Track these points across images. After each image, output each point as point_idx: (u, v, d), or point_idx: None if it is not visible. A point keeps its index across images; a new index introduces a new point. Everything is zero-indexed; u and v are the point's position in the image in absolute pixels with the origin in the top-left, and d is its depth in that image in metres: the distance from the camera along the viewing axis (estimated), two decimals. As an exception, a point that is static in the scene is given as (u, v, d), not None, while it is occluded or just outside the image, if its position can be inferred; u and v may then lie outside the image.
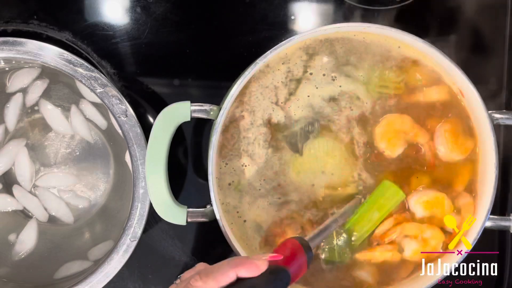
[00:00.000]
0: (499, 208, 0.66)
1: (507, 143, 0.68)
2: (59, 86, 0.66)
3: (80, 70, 0.57)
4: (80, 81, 0.57)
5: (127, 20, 0.66)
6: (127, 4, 0.66)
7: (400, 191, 0.55)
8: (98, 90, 0.57)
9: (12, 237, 0.66)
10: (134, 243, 0.58)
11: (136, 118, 0.58)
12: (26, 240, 0.65)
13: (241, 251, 0.54)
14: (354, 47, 0.57)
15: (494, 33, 0.69)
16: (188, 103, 0.53)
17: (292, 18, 0.67)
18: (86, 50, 0.66)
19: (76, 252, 0.66)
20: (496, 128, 0.55)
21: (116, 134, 0.65)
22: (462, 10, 0.68)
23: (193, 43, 0.67)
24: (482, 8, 0.68)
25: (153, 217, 0.63)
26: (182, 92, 0.67)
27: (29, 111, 0.66)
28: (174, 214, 0.54)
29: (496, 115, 0.55)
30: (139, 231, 0.58)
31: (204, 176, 0.55)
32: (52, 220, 0.67)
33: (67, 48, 0.62)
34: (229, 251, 0.55)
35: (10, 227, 0.66)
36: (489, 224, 0.56)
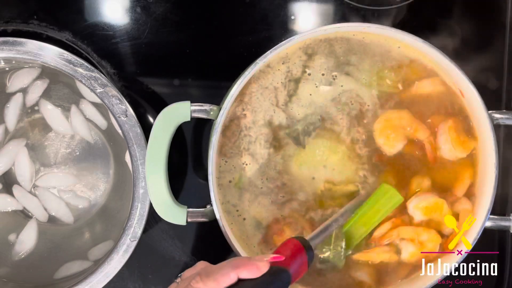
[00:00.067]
0: (499, 208, 0.66)
1: (507, 143, 0.68)
2: (59, 86, 0.66)
3: (80, 70, 0.57)
4: (80, 81, 0.57)
5: (127, 20, 0.66)
6: (127, 4, 0.66)
7: (398, 194, 0.55)
8: (98, 90, 0.57)
9: (12, 237, 0.66)
10: (134, 243, 0.58)
11: (136, 118, 0.58)
12: (26, 240, 0.65)
13: (241, 251, 0.54)
14: (354, 47, 0.57)
15: (494, 33, 0.68)
16: (188, 103, 0.53)
17: (292, 18, 0.67)
18: (86, 50, 0.66)
19: (76, 252, 0.66)
20: (496, 128, 0.55)
21: (116, 134, 0.65)
22: (462, 10, 0.68)
23: (193, 43, 0.67)
24: (482, 8, 0.68)
25: (153, 217, 0.63)
26: (182, 92, 0.67)
27: (29, 111, 0.66)
28: (174, 214, 0.54)
29: (496, 115, 0.55)
30: (139, 231, 0.58)
31: (204, 176, 0.55)
32: (52, 220, 0.67)
33: (67, 48, 0.62)
34: (229, 251, 0.55)
35: (10, 227, 0.66)
36: (489, 224, 0.56)
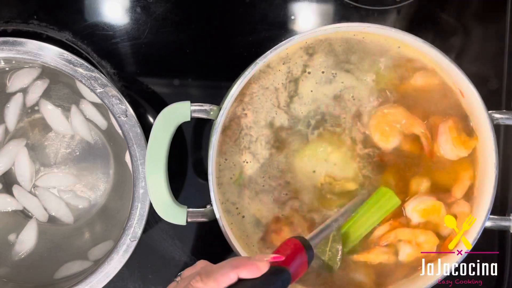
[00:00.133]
0: (499, 208, 0.66)
1: (507, 143, 0.68)
2: (59, 86, 0.66)
3: (80, 70, 0.57)
4: (80, 81, 0.57)
5: (127, 20, 0.66)
6: (127, 4, 0.66)
7: (396, 197, 0.55)
8: (98, 90, 0.57)
9: (12, 237, 0.66)
10: (134, 243, 0.58)
11: (136, 118, 0.58)
12: (26, 240, 0.65)
13: (241, 251, 0.54)
14: (354, 46, 0.57)
15: (494, 32, 0.68)
16: (188, 103, 0.53)
17: (292, 18, 0.67)
18: (86, 50, 0.66)
19: (76, 252, 0.66)
20: (496, 128, 0.55)
21: (116, 134, 0.65)
22: (462, 10, 0.68)
23: (193, 43, 0.67)
24: (482, 7, 0.68)
25: (153, 217, 0.63)
26: (182, 92, 0.67)
27: (29, 111, 0.66)
28: (174, 214, 0.54)
29: (496, 115, 0.55)
30: (139, 231, 0.58)
31: (204, 176, 0.55)
32: (52, 220, 0.67)
33: (67, 48, 0.62)
34: (229, 251, 0.55)
35: (10, 227, 0.66)
36: (489, 224, 0.56)
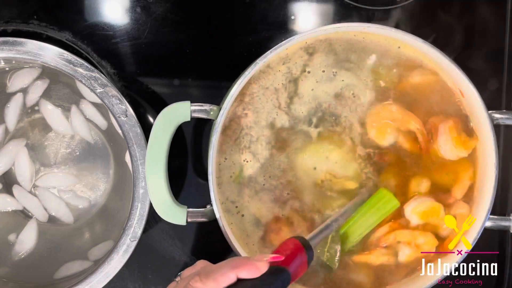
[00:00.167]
0: (499, 208, 0.66)
1: (507, 143, 0.68)
2: (59, 86, 0.66)
3: (80, 70, 0.57)
4: (80, 81, 0.57)
5: (127, 20, 0.66)
6: (127, 4, 0.66)
7: (394, 199, 0.55)
8: (98, 90, 0.57)
9: (12, 237, 0.66)
10: (134, 243, 0.58)
11: (136, 118, 0.58)
12: (26, 240, 0.65)
13: (240, 251, 0.54)
14: (354, 46, 0.57)
15: (494, 32, 0.68)
16: (188, 103, 0.53)
17: (292, 18, 0.67)
18: (86, 50, 0.66)
19: (76, 252, 0.66)
20: (496, 128, 0.55)
21: (116, 134, 0.65)
22: (462, 10, 0.68)
23: (193, 43, 0.67)
24: (482, 7, 0.68)
25: (153, 217, 0.63)
26: (182, 92, 0.67)
27: (29, 111, 0.66)
28: (174, 214, 0.54)
29: (496, 115, 0.55)
30: (139, 231, 0.58)
31: (204, 176, 0.55)
32: (52, 220, 0.67)
33: (67, 48, 0.62)
34: (229, 251, 0.55)
35: (10, 227, 0.66)
36: (489, 224, 0.56)
